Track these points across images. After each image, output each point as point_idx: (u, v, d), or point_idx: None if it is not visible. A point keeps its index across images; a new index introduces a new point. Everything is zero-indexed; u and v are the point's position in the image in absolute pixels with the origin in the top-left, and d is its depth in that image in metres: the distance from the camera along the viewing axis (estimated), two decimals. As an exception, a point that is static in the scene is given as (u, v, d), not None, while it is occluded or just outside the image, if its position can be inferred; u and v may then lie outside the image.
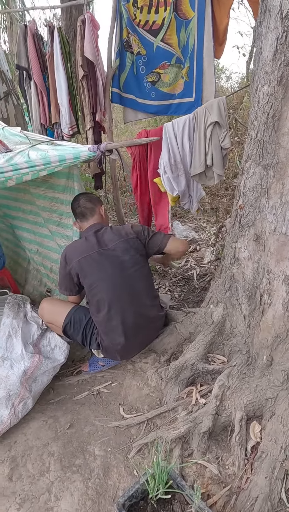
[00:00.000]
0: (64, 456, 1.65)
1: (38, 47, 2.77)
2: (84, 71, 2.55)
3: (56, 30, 2.57)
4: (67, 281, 1.91)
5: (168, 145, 1.89)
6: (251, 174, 1.51)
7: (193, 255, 3.04)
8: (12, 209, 2.85)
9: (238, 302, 1.74)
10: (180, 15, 2.35)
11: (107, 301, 1.79)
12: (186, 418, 1.57)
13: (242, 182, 1.57)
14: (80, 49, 2.52)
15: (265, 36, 1.38)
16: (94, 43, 2.62)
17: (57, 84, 2.72)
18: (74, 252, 1.88)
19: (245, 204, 1.57)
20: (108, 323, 1.82)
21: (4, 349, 1.84)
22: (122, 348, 1.86)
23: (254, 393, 1.56)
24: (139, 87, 2.68)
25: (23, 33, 2.76)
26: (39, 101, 2.90)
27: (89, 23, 2.49)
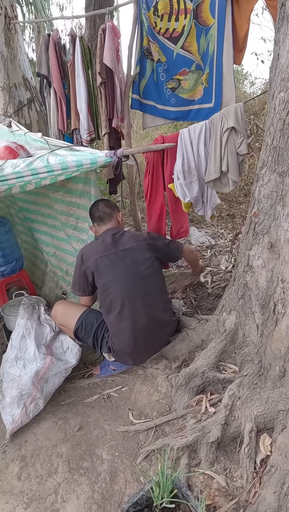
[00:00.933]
0: (73, 458, 1.66)
1: (59, 55, 2.85)
2: (102, 78, 2.60)
3: (78, 38, 2.63)
4: (82, 280, 1.94)
5: (183, 151, 1.90)
6: (266, 181, 1.49)
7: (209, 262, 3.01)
8: (32, 212, 2.92)
9: (251, 310, 1.71)
10: (200, 22, 2.36)
11: (120, 301, 1.81)
12: (194, 426, 1.55)
13: (257, 189, 1.55)
14: (100, 57, 2.57)
15: (282, 43, 1.36)
16: (115, 50, 2.67)
17: (77, 91, 2.78)
18: (91, 252, 1.92)
19: (259, 212, 1.54)
20: (120, 323, 1.83)
21: (17, 349, 1.88)
22: (132, 351, 1.87)
23: (265, 404, 1.52)
24: (159, 94, 2.70)
25: (45, 42, 2.85)
26: (58, 108, 2.97)
27: (109, 32, 2.54)
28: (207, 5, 2.29)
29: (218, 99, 2.48)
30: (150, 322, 1.86)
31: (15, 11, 3.17)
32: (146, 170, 2.07)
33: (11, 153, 2.49)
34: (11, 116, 3.25)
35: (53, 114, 3.05)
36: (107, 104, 2.71)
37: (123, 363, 1.96)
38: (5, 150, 2.52)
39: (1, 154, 2.52)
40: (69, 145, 2.42)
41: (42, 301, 2.53)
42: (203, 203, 2.03)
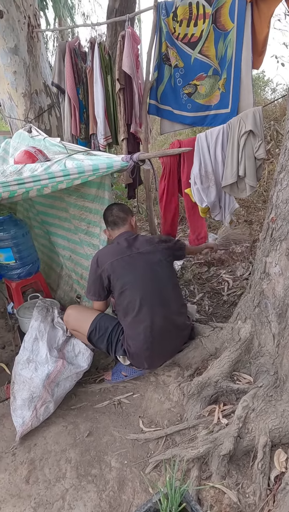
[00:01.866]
0: (81, 464, 1.64)
1: (75, 61, 2.89)
2: (121, 84, 2.62)
3: (97, 45, 2.67)
4: (97, 284, 1.94)
5: (200, 155, 1.87)
6: (284, 186, 1.44)
7: (226, 268, 2.96)
8: (49, 216, 2.95)
9: (267, 319, 1.65)
10: (219, 27, 2.35)
11: (138, 303, 1.81)
12: (206, 437, 1.51)
13: (274, 194, 1.51)
14: (118, 63, 2.59)
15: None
16: (134, 57, 2.68)
17: (95, 96, 2.81)
18: (106, 255, 1.93)
19: (277, 217, 1.50)
20: (137, 325, 1.82)
21: (30, 351, 1.88)
22: (150, 354, 1.84)
23: (281, 418, 1.46)
24: (176, 99, 2.70)
25: (62, 49, 2.90)
26: (71, 113, 3.01)
27: (128, 38, 2.56)
28: (226, 10, 2.28)
29: (235, 105, 2.44)
30: (167, 324, 1.85)
31: (38, 20, 3.25)
32: (161, 175, 2.06)
33: (30, 158, 2.54)
34: (32, 122, 3.32)
35: (66, 119, 3.10)
36: (126, 110, 2.73)
37: (138, 366, 1.93)
38: (24, 155, 2.57)
39: (21, 158, 2.57)
40: (86, 149, 2.45)
41: (56, 304, 2.55)
42: (221, 208, 1.99)
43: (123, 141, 2.82)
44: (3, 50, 3.09)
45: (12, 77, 3.19)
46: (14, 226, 2.70)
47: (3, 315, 3.00)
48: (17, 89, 3.24)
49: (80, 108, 2.98)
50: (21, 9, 3.04)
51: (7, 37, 3.04)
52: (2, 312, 3.05)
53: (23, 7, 3.05)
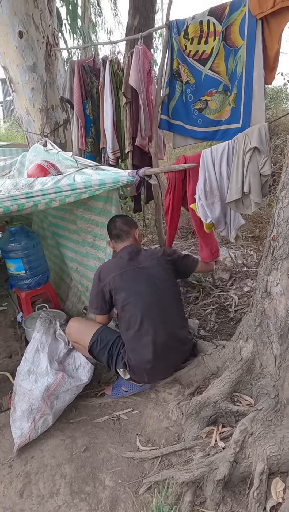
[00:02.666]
0: (75, 480, 1.63)
1: (83, 78, 2.98)
2: (127, 98, 2.66)
3: (108, 62, 2.74)
4: (99, 298, 1.95)
5: (205, 171, 1.87)
6: (286, 204, 1.42)
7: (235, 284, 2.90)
8: (60, 227, 3.00)
9: (269, 340, 1.60)
10: (229, 44, 2.36)
11: (140, 316, 1.81)
12: (201, 461, 1.46)
13: (276, 212, 1.48)
14: (126, 77, 2.64)
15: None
16: (144, 72, 2.73)
17: (105, 112, 2.87)
18: (108, 269, 1.94)
19: (278, 235, 1.46)
20: (139, 339, 1.81)
21: (31, 362, 1.90)
22: (150, 368, 1.83)
23: (280, 444, 1.40)
24: (187, 114, 2.71)
25: (71, 67, 2.99)
26: (79, 128, 3.08)
27: (137, 54, 2.61)
28: (236, 27, 2.29)
29: (246, 120, 2.43)
30: (169, 338, 1.85)
31: (56, 39, 3.37)
32: (166, 189, 2.06)
33: (42, 171, 2.61)
34: (47, 136, 3.41)
35: (74, 133, 3.17)
36: (131, 123, 2.77)
37: (139, 380, 1.91)
38: (37, 168, 2.65)
39: (34, 172, 2.65)
40: (96, 164, 2.49)
41: (62, 315, 2.57)
42: (226, 223, 1.97)
43: (129, 154, 2.86)
44: (22, 68, 3.21)
45: (30, 93, 3.30)
46: (26, 237, 2.77)
47: (12, 324, 3.05)
48: (34, 105, 3.35)
49: (87, 122, 3.05)
50: (40, 29, 3.16)
51: (26, 56, 3.16)
52: (12, 321, 3.10)
53: (42, 27, 3.17)
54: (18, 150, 3.95)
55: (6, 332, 2.93)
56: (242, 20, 2.25)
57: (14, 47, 3.13)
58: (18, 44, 3.11)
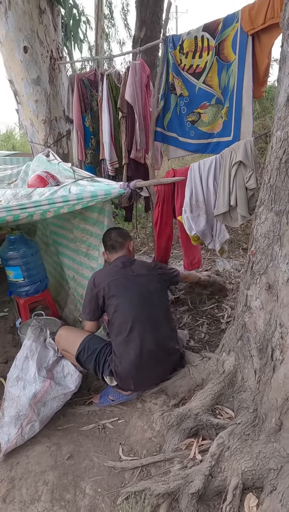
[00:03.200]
0: (57, 487, 1.66)
1: (82, 91, 3.06)
2: (122, 113, 2.72)
3: (106, 76, 2.81)
4: (93, 304, 2.01)
5: (192, 184, 1.90)
6: (263, 220, 1.43)
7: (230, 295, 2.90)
8: (59, 236, 3.07)
9: (250, 353, 1.61)
10: (222, 59, 2.39)
11: (130, 323, 1.86)
12: (178, 473, 1.47)
13: (254, 227, 1.49)
14: (122, 93, 2.71)
15: (282, 82, 1.34)
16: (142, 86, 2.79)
17: (103, 124, 2.95)
18: (102, 276, 2.01)
19: (256, 250, 1.48)
20: (127, 345, 1.86)
21: (20, 369, 1.95)
22: (136, 374, 1.86)
23: (255, 460, 1.40)
24: (181, 126, 2.75)
25: (71, 82, 3.08)
26: (78, 140, 3.16)
27: (133, 69, 2.67)
28: (229, 42, 2.33)
29: (236, 133, 2.45)
30: (156, 347, 1.88)
31: (60, 53, 3.47)
32: (156, 202, 2.10)
33: (42, 182, 2.68)
34: (50, 146, 3.50)
35: (74, 145, 3.26)
36: (127, 136, 2.83)
37: (125, 387, 1.94)
38: (37, 179, 2.73)
39: (33, 182, 2.73)
40: (92, 176, 2.55)
41: (57, 323, 2.62)
42: (212, 236, 1.99)
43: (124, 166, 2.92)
44: (26, 81, 3.32)
45: (34, 105, 3.41)
46: (24, 245, 2.83)
47: (12, 329, 3.12)
48: (38, 116, 3.45)
49: (86, 134, 3.13)
50: (44, 44, 3.27)
51: (30, 70, 3.27)
52: (11, 327, 3.17)
53: (46, 42, 3.28)
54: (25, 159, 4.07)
55: (5, 338, 3.00)
56: (235, 35, 2.29)
57: (19, 61, 3.25)
58: (23, 58, 3.23)
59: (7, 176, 3.67)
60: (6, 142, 10.24)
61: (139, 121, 2.71)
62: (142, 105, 2.80)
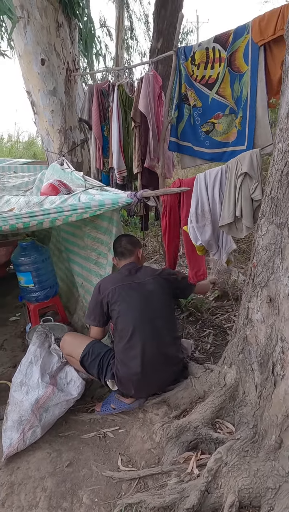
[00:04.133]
0: (55, 495, 1.66)
1: (101, 101, 3.12)
2: (136, 122, 2.76)
3: (116, 87, 2.86)
4: (97, 310, 2.03)
5: (197, 194, 1.90)
6: (264, 232, 1.41)
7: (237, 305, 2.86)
8: (70, 243, 3.11)
9: (251, 367, 1.58)
10: (234, 69, 2.40)
11: (131, 329, 1.87)
12: (174, 487, 1.45)
13: (256, 240, 1.48)
14: (135, 103, 2.75)
15: (283, 94, 1.33)
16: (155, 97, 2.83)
17: (112, 133, 2.99)
18: (108, 282, 2.04)
19: (258, 263, 1.46)
20: (129, 351, 1.87)
21: (24, 374, 1.98)
22: (137, 381, 1.87)
23: (253, 477, 1.37)
24: (195, 136, 2.77)
25: (90, 91, 3.14)
26: (96, 148, 3.21)
27: (146, 81, 2.71)
28: (240, 54, 2.33)
29: (250, 142, 2.45)
30: (158, 354, 1.89)
31: (76, 65, 3.56)
32: (162, 212, 2.11)
33: (54, 190, 2.75)
34: (65, 155, 3.58)
35: (92, 153, 3.31)
36: (140, 145, 2.86)
37: (126, 392, 1.94)
38: (49, 187, 2.79)
39: (46, 190, 2.80)
40: (101, 185, 2.59)
41: (64, 329, 2.65)
42: (218, 247, 1.98)
43: (138, 175, 2.95)
44: (43, 93, 3.42)
45: (50, 115, 3.50)
46: (36, 252, 2.90)
47: (22, 334, 3.18)
48: (53, 126, 3.55)
49: (104, 143, 3.17)
50: (61, 56, 3.36)
51: (47, 81, 3.37)
52: (22, 331, 3.22)
53: (63, 54, 3.38)
54: (42, 167, 4.17)
55: (15, 342, 3.05)
56: (246, 46, 2.30)
57: (36, 73, 3.36)
58: (40, 70, 3.33)
59: (24, 183, 3.77)
60: (27, 150, 10.52)
61: (153, 130, 2.75)
62: (155, 115, 2.84)
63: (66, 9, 3.23)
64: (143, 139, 2.78)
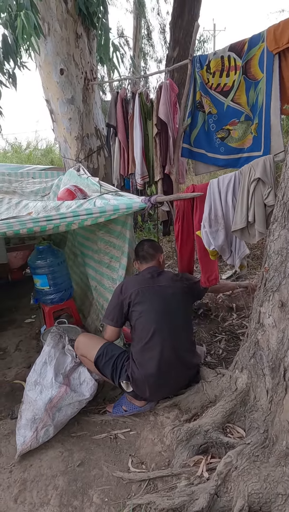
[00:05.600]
0: (66, 493, 1.69)
1: (125, 109, 3.19)
2: (157, 129, 2.81)
3: (137, 95, 2.92)
4: (117, 310, 2.07)
5: (211, 200, 1.92)
6: (276, 237, 1.42)
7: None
8: (85, 247, 3.17)
9: (263, 372, 1.57)
10: (249, 77, 2.43)
11: (151, 331, 1.91)
12: (184, 489, 1.46)
13: (268, 244, 1.49)
14: (156, 111, 2.80)
15: (296, 100, 1.34)
16: (171, 104, 2.88)
17: (134, 140, 3.05)
18: (130, 284, 2.09)
19: (270, 267, 1.46)
20: (146, 353, 1.91)
21: (38, 374, 2.02)
22: (153, 383, 1.89)
23: (263, 482, 1.36)
24: (209, 143, 2.80)
25: (114, 98, 3.22)
26: (121, 155, 3.27)
27: (165, 89, 2.76)
28: (256, 61, 2.36)
29: (267, 147, 2.47)
30: (175, 357, 1.92)
31: (94, 74, 3.66)
32: (176, 217, 2.14)
33: (70, 195, 2.82)
34: (81, 162, 3.67)
35: (116, 160, 3.38)
36: (161, 152, 2.91)
37: (140, 394, 1.96)
38: (66, 192, 2.87)
39: (62, 195, 2.87)
40: (116, 190, 2.65)
41: (78, 331, 2.69)
42: (231, 252, 1.99)
43: (159, 181, 2.99)
44: (61, 101, 3.52)
45: (68, 123, 3.60)
46: (52, 255, 2.96)
47: (37, 336, 3.24)
48: (71, 133, 3.64)
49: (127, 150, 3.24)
50: (79, 66, 3.46)
51: (65, 90, 3.47)
52: (36, 333, 3.29)
53: (81, 64, 3.47)
54: (59, 173, 4.27)
55: (30, 344, 3.12)
56: (261, 54, 2.32)
57: (55, 83, 3.46)
58: (59, 80, 3.44)
59: (42, 189, 3.87)
60: (45, 156, 10.77)
61: (173, 137, 2.80)
62: (172, 122, 2.89)
63: (86, 21, 3.33)
64: (164, 146, 2.84)
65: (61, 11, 3.23)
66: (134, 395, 1.99)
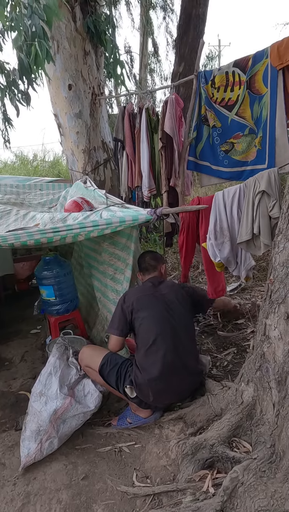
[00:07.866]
0: (70, 507, 1.67)
1: (133, 123, 3.25)
2: (162, 143, 2.86)
3: (144, 110, 2.98)
4: (121, 319, 2.08)
5: (216, 212, 1.94)
6: (281, 249, 1.43)
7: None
8: (91, 258, 3.20)
9: (269, 385, 1.56)
10: (254, 92, 2.47)
11: (153, 337, 1.93)
12: (189, 505, 1.43)
13: (273, 256, 1.49)
14: (161, 125, 2.85)
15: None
16: (177, 119, 2.93)
17: (141, 153, 3.10)
18: (133, 292, 2.13)
19: (275, 279, 1.47)
20: (149, 357, 1.92)
21: (43, 385, 2.02)
22: (156, 387, 1.89)
23: (270, 499, 1.34)
24: (214, 155, 2.84)
25: (121, 112, 3.29)
26: (128, 168, 3.32)
27: (171, 103, 2.82)
28: (260, 77, 2.41)
29: (271, 160, 2.49)
30: (178, 362, 1.93)
31: (102, 89, 3.75)
32: (180, 229, 2.16)
33: (77, 207, 2.86)
34: (88, 174, 3.72)
35: (124, 173, 3.43)
36: (166, 165, 2.95)
37: (144, 399, 1.95)
38: (72, 204, 2.91)
39: (69, 207, 2.91)
40: (122, 202, 2.68)
41: (84, 342, 2.69)
42: (237, 264, 2.00)
43: (164, 194, 3.03)
44: (69, 115, 3.60)
45: (75, 136, 3.67)
46: (58, 266, 2.99)
47: (42, 346, 3.24)
48: (78, 146, 3.71)
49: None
50: (87, 82, 3.55)
51: (73, 105, 3.55)
52: (42, 344, 3.29)
53: (89, 79, 3.56)
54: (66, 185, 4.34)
55: (35, 354, 3.12)
56: (265, 70, 2.37)
57: (63, 98, 3.55)
58: (67, 95, 3.52)
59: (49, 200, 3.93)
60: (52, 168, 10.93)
61: (178, 150, 2.84)
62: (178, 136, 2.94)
63: (94, 38, 3.43)
64: (170, 159, 2.88)
65: (70, 30, 3.33)
66: (138, 402, 1.97)
